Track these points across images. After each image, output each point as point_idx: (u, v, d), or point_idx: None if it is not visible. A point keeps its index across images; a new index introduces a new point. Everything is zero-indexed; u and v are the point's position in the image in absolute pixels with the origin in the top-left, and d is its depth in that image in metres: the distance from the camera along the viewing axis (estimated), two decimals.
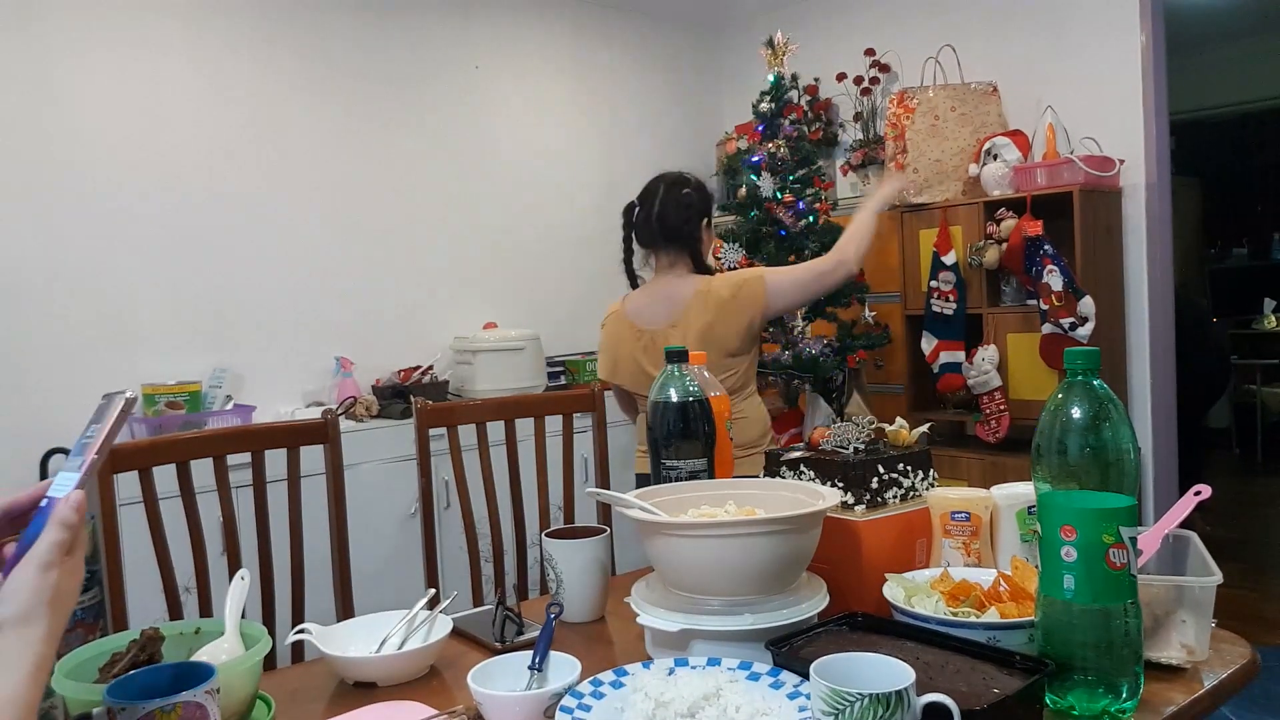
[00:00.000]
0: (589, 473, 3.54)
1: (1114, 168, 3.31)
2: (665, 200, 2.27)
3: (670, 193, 2.28)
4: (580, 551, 1.39)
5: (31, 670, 0.70)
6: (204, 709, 0.87)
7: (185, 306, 3.19)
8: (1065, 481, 0.96)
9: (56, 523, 0.74)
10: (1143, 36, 3.37)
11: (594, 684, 1.02)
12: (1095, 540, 0.94)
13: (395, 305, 3.70)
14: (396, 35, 3.71)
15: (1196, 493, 1.11)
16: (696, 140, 4.68)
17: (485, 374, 3.55)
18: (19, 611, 0.71)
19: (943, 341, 3.48)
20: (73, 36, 2.96)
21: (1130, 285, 3.44)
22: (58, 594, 0.73)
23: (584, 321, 4.28)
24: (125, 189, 3.07)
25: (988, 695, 0.89)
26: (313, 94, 3.48)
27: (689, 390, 1.44)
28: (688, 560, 1.11)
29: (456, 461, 1.89)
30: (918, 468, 1.35)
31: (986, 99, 3.60)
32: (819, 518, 1.14)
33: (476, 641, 1.33)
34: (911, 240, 3.62)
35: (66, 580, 0.74)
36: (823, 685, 0.84)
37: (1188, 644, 1.08)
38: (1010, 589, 1.10)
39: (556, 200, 4.21)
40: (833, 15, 4.31)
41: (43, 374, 2.91)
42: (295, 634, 1.28)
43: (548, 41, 4.20)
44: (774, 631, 1.07)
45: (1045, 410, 0.99)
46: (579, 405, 2.07)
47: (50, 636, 0.72)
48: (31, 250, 2.90)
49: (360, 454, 3.05)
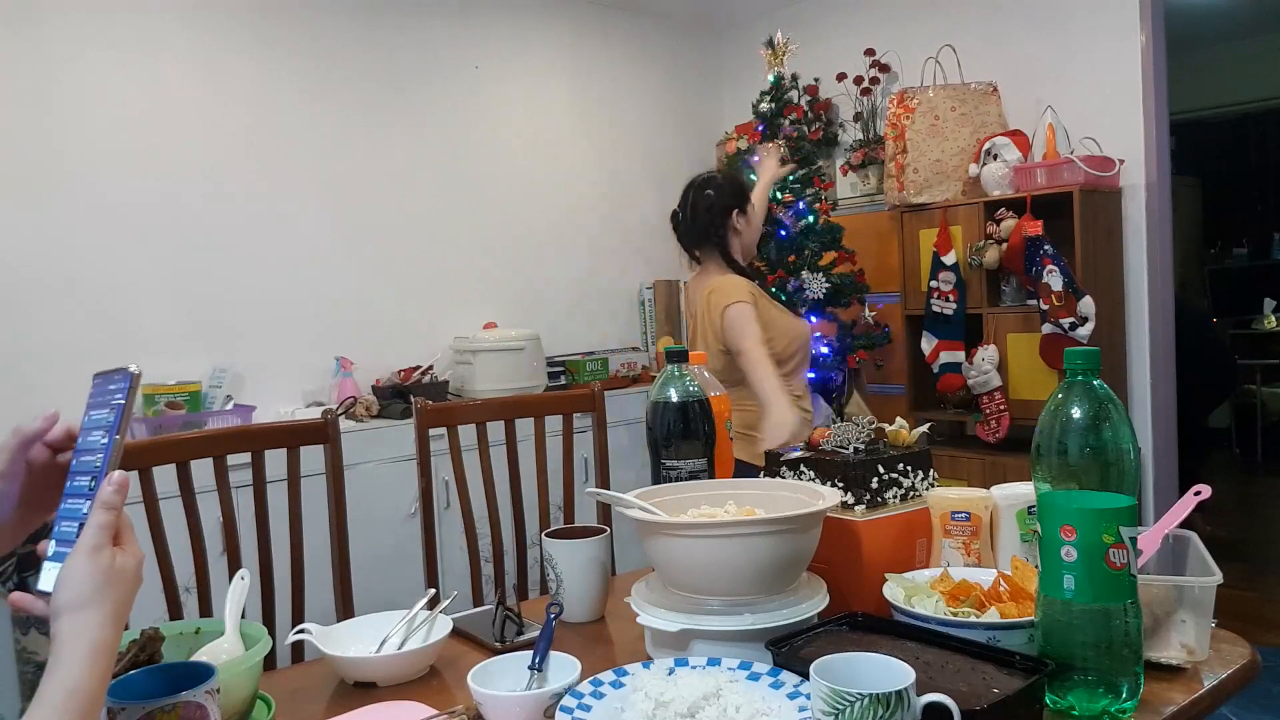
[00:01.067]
0: (589, 473, 3.54)
1: (1114, 168, 3.31)
2: (693, 204, 2.49)
3: (696, 196, 2.50)
4: (580, 551, 1.39)
5: (88, 654, 0.69)
6: (204, 709, 0.87)
7: (185, 306, 3.19)
8: (1065, 481, 0.96)
9: (100, 505, 0.74)
10: (1143, 36, 3.37)
11: (594, 684, 1.02)
12: (1095, 540, 0.94)
13: (395, 305, 3.70)
14: (397, 36, 3.71)
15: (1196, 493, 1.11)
16: (696, 140, 4.68)
17: (485, 374, 3.55)
18: (72, 597, 0.71)
19: (943, 341, 3.48)
20: (73, 36, 2.96)
21: (1130, 285, 3.44)
22: (112, 574, 0.72)
23: (584, 321, 4.29)
24: (125, 189, 3.07)
25: (988, 695, 0.89)
26: (313, 95, 3.48)
27: (689, 390, 1.44)
28: (688, 560, 1.11)
29: (456, 462, 1.89)
30: (918, 468, 1.35)
31: (986, 99, 3.60)
32: (819, 518, 1.14)
33: (476, 641, 1.33)
34: (912, 240, 3.62)
35: (122, 559, 0.74)
36: (823, 685, 0.84)
37: (1188, 644, 1.08)
38: (1010, 589, 1.10)
39: (557, 200, 4.21)
40: (833, 15, 4.31)
41: (43, 374, 2.90)
42: (295, 634, 1.28)
43: (548, 41, 4.20)
44: (774, 631, 1.07)
45: (1045, 410, 0.99)
46: (579, 405, 2.07)
47: (108, 619, 0.71)
48: (31, 250, 2.89)
49: (360, 454, 3.05)
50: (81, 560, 0.72)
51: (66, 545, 0.75)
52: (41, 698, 0.68)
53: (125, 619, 0.73)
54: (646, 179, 4.49)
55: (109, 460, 0.76)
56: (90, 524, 0.74)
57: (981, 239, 3.38)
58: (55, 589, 0.72)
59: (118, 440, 0.77)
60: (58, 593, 0.72)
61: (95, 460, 0.77)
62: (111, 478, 0.75)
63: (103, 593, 0.71)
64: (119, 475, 0.75)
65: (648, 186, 4.50)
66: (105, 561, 0.73)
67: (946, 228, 3.46)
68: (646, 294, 4.41)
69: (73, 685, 0.68)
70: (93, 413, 0.80)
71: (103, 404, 0.80)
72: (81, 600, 0.71)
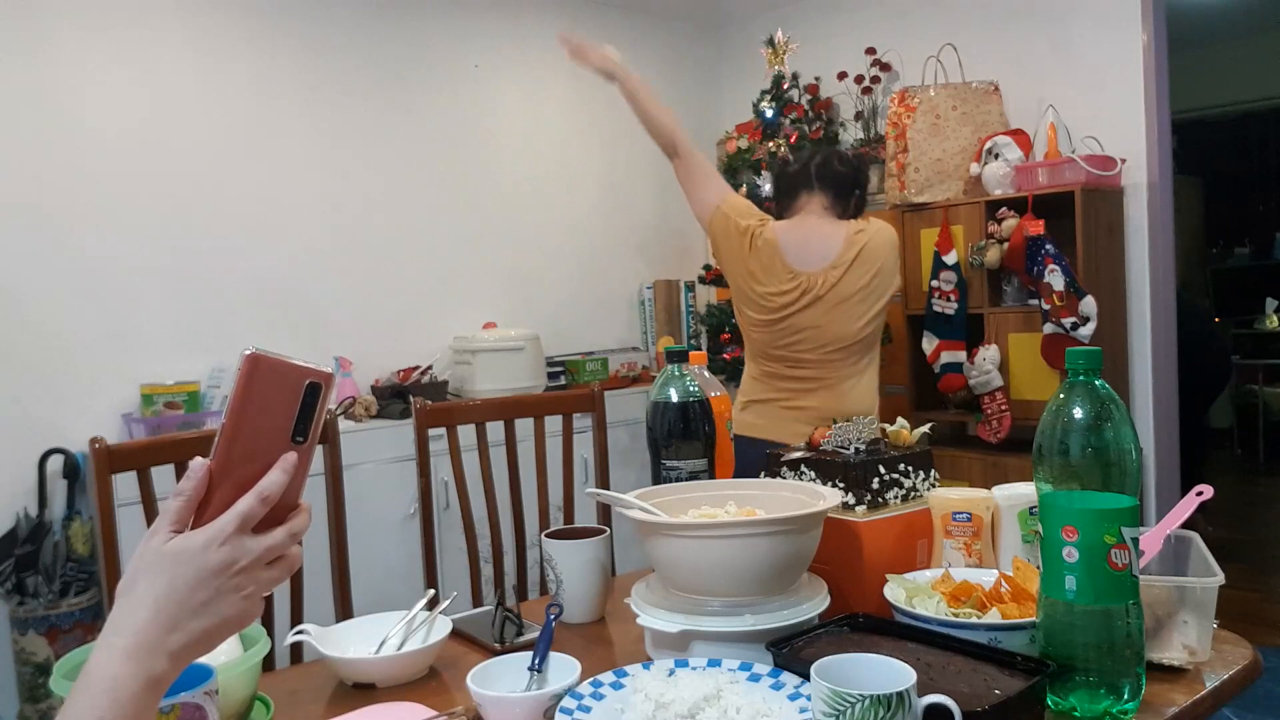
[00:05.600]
0: (589, 473, 3.53)
1: (1116, 167, 3.31)
2: (828, 155, 2.39)
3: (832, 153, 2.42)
4: (580, 552, 1.38)
5: (103, 638, 0.68)
6: (202, 710, 0.87)
7: (183, 306, 3.19)
8: (1067, 482, 0.96)
9: (175, 492, 0.72)
10: (1144, 35, 3.37)
11: (594, 685, 1.01)
12: (1097, 541, 0.93)
13: (394, 305, 3.70)
14: (396, 35, 3.71)
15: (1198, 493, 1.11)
16: (697, 139, 4.65)
17: (485, 374, 3.55)
18: (122, 583, 0.70)
19: (944, 341, 3.48)
20: (72, 36, 2.96)
21: (1132, 285, 3.43)
22: (150, 555, 0.70)
23: (584, 321, 4.28)
24: (123, 189, 3.06)
25: (989, 696, 0.89)
26: (312, 94, 3.48)
27: (689, 390, 1.44)
28: (688, 561, 1.11)
29: (456, 462, 1.89)
30: (919, 468, 1.34)
31: (988, 98, 3.60)
32: (819, 518, 1.14)
33: (476, 642, 1.32)
34: (913, 240, 3.61)
35: (178, 540, 0.70)
36: (824, 686, 0.84)
37: (1190, 645, 1.07)
38: (1012, 590, 1.10)
39: (556, 200, 4.21)
40: (833, 14, 4.30)
41: (42, 374, 2.90)
42: (294, 635, 1.28)
43: (547, 40, 4.19)
44: (775, 632, 1.07)
45: (1047, 410, 0.98)
46: (579, 405, 2.07)
47: (140, 603, 0.68)
48: (31, 250, 2.89)
49: (359, 454, 3.05)
50: (139, 547, 0.71)
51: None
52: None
53: (181, 599, 0.69)
54: (646, 179, 4.49)
55: (214, 448, 0.73)
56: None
57: (983, 238, 3.37)
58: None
59: (225, 425, 0.73)
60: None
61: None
62: (192, 465, 0.73)
63: (137, 577, 0.70)
64: (195, 461, 0.73)
65: (648, 186, 4.50)
66: (155, 544, 0.70)
67: (948, 227, 3.46)
68: (646, 294, 4.41)
69: (89, 666, 0.67)
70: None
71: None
72: (126, 584, 0.70)
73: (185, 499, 0.71)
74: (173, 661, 0.69)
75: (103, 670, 0.66)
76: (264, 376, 0.73)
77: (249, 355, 0.72)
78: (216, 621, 0.70)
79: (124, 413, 3.01)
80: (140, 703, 0.67)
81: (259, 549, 0.72)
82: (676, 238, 4.56)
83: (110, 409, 3.01)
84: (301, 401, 0.74)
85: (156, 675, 0.68)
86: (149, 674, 0.67)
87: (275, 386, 0.73)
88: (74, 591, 2.73)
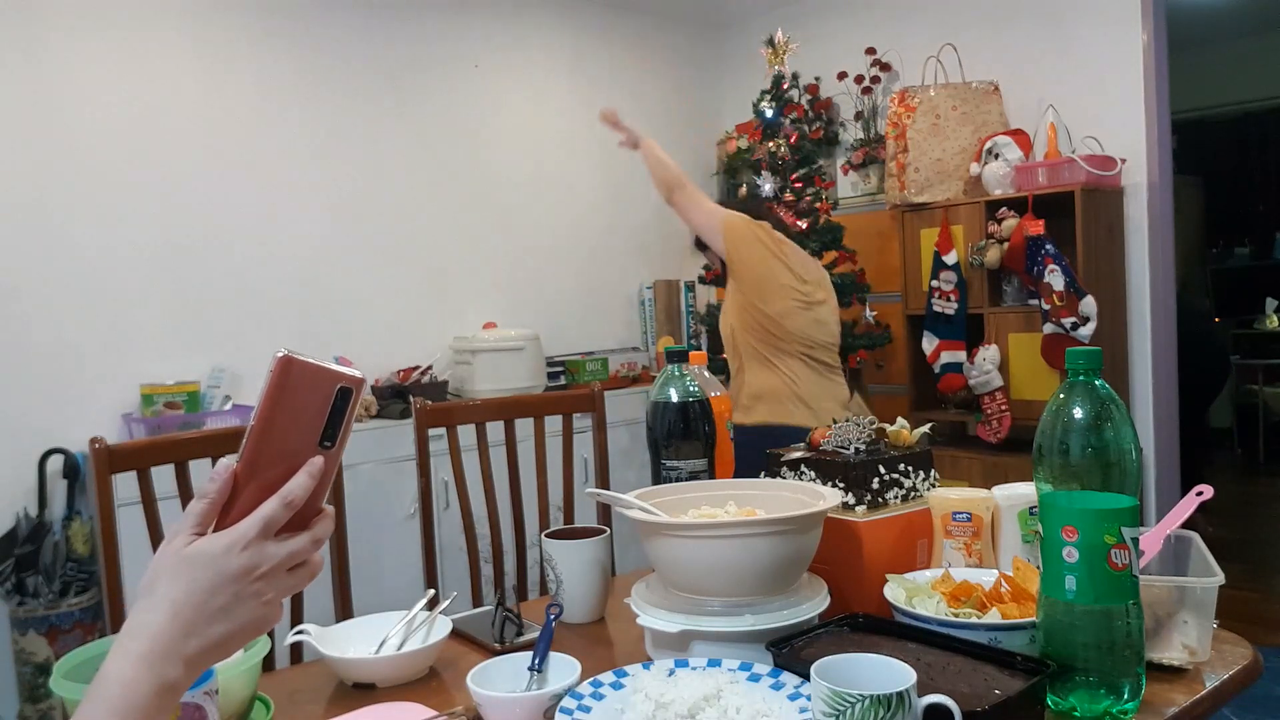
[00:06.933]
0: (589, 473, 3.53)
1: (1116, 167, 3.30)
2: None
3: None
4: (580, 552, 1.38)
5: (119, 640, 0.67)
6: (202, 710, 0.87)
7: (183, 306, 3.18)
8: (1067, 482, 0.96)
9: (198, 494, 0.71)
10: (1144, 35, 3.37)
11: (594, 685, 1.01)
12: (1097, 541, 0.93)
13: (394, 305, 3.70)
14: (396, 34, 3.71)
15: (1198, 493, 1.11)
16: (697, 139, 4.68)
17: (485, 374, 3.55)
18: (143, 583, 0.69)
19: (944, 341, 3.48)
20: (72, 36, 2.96)
21: (1132, 285, 3.43)
22: (168, 559, 0.69)
23: (584, 321, 4.28)
24: (123, 188, 3.06)
25: (989, 696, 0.89)
26: (312, 94, 3.48)
27: (689, 390, 1.44)
28: (688, 561, 1.11)
29: (456, 462, 1.89)
30: (919, 468, 1.34)
31: (988, 98, 3.60)
32: (819, 518, 1.14)
33: (476, 642, 1.32)
34: (913, 240, 3.61)
35: (199, 543, 0.69)
36: (824, 686, 0.84)
37: (1189, 645, 1.07)
38: (1012, 590, 1.10)
39: (556, 199, 4.20)
40: (833, 14, 4.30)
41: (41, 374, 2.90)
42: (294, 635, 1.28)
43: (548, 40, 4.20)
44: (775, 632, 1.07)
45: (1047, 410, 0.98)
46: (579, 405, 2.07)
47: (157, 605, 0.67)
48: (30, 250, 2.89)
49: (359, 454, 3.05)
50: (158, 550, 0.71)
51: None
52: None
53: (199, 604, 0.67)
54: (646, 179, 4.46)
55: (241, 450, 0.72)
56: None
57: (983, 238, 3.37)
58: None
59: (253, 427, 0.71)
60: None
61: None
62: (218, 465, 0.71)
63: (156, 579, 0.68)
64: (221, 462, 0.71)
65: (648, 186, 4.46)
66: (174, 546, 0.69)
67: (948, 227, 3.46)
68: (646, 294, 4.41)
69: (104, 669, 0.66)
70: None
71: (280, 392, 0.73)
72: (146, 585, 0.69)
73: (209, 501, 0.70)
74: (188, 668, 0.68)
75: (116, 674, 0.65)
76: (296, 379, 0.71)
77: (281, 358, 0.70)
78: (234, 627, 0.69)
79: (124, 413, 3.01)
80: (152, 709, 0.66)
81: (281, 554, 0.71)
82: (676, 238, 4.55)
83: (110, 409, 3.01)
84: (332, 406, 0.72)
85: (170, 681, 0.67)
86: (162, 680, 0.66)
87: (306, 390, 0.71)
88: (74, 591, 2.73)
